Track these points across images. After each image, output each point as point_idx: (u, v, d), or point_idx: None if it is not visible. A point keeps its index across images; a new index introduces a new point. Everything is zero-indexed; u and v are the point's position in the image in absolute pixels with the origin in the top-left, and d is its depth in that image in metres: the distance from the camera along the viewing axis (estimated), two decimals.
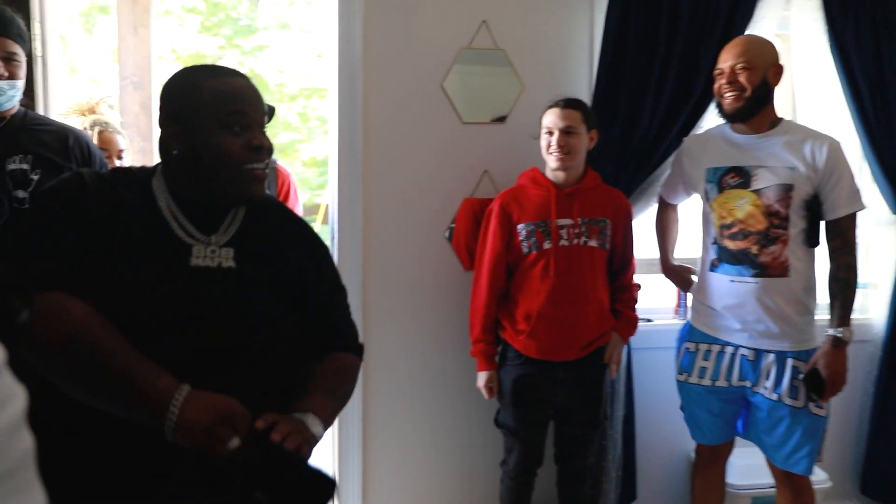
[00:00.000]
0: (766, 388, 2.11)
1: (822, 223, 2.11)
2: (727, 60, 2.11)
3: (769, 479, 2.28)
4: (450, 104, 2.49)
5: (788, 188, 2.06)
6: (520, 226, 2.26)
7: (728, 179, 2.14)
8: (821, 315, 2.15)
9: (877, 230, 2.84)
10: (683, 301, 2.79)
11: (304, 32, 7.49)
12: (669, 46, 2.46)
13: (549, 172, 2.29)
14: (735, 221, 2.12)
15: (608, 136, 2.42)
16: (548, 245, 2.23)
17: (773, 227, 2.08)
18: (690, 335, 2.29)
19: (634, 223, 2.43)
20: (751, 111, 2.10)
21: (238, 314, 1.20)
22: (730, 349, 2.17)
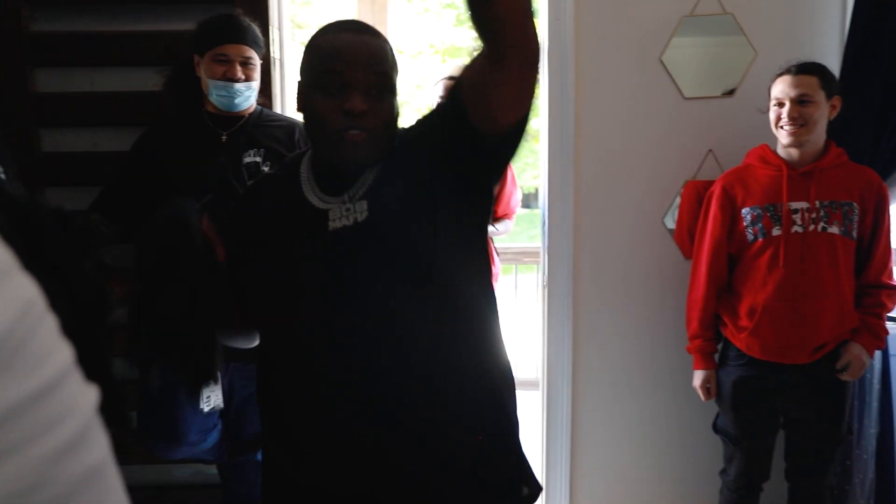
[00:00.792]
0: None
1: None
2: None
3: None
4: (670, 78, 2.30)
5: None
6: (744, 210, 2.03)
7: None
8: None
9: None
10: None
11: None
12: None
13: (781, 149, 2.02)
14: None
15: (862, 104, 2.07)
16: (777, 231, 1.98)
17: None
18: None
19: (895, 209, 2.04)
20: None
21: (383, 261, 1.15)
22: None
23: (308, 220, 1.18)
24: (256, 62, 2.01)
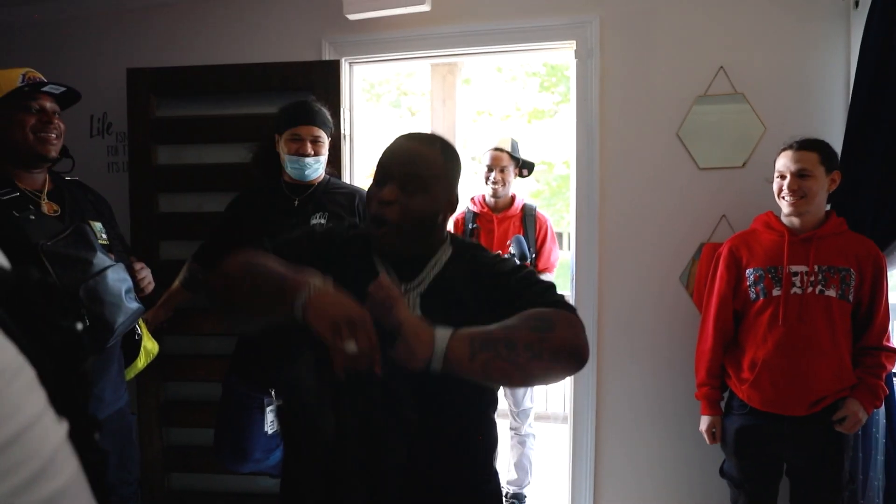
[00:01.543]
0: None
1: None
2: None
3: None
4: (685, 151, 2.55)
5: None
6: (748, 270, 2.22)
7: None
8: None
9: None
10: None
11: None
12: None
13: (784, 217, 2.20)
14: None
15: (865, 172, 2.22)
16: (777, 292, 2.14)
17: None
18: None
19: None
20: None
21: None
22: None
23: None
24: (325, 140, 2.36)
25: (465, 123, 5.25)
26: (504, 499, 2.79)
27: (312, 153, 2.34)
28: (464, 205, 3.30)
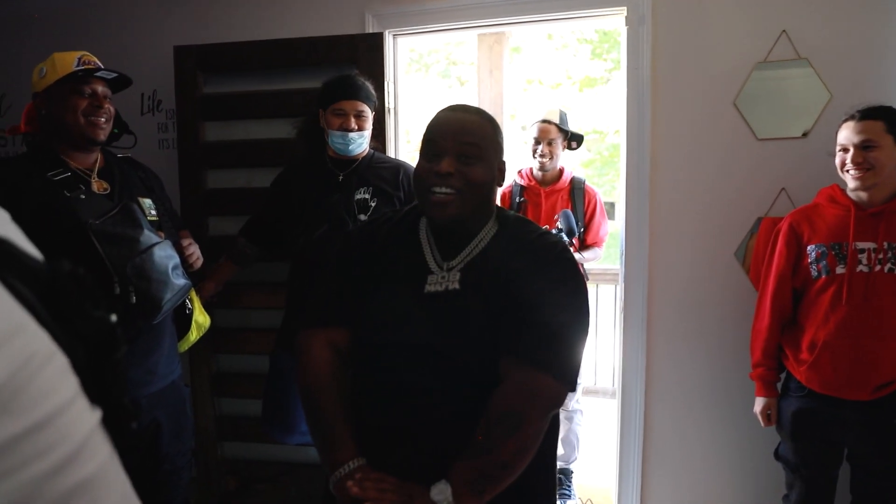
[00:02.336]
0: None
1: None
2: None
3: None
4: (743, 121, 2.42)
5: None
6: (809, 247, 2.11)
7: None
8: None
9: None
10: None
11: None
12: None
13: (850, 192, 2.07)
14: None
15: None
16: (841, 270, 2.03)
17: None
18: None
19: None
20: None
21: (452, 333, 1.28)
22: None
23: (415, 277, 1.35)
24: (368, 114, 2.34)
25: (514, 93, 5.16)
26: None
27: (356, 128, 2.31)
28: (511, 178, 3.24)
